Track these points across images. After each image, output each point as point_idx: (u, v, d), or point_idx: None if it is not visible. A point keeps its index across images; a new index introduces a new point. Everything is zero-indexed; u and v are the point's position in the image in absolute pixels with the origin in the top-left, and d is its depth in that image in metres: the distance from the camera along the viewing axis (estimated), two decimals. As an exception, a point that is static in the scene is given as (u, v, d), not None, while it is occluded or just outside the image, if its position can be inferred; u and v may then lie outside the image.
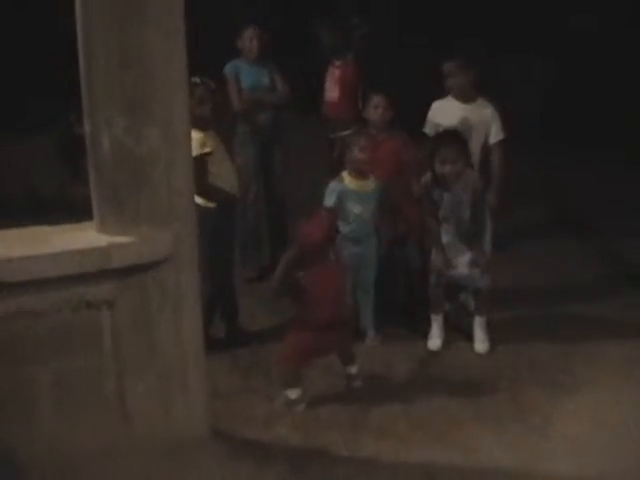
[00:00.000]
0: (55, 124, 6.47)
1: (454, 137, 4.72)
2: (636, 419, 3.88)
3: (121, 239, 2.90)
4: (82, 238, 2.94)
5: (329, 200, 4.72)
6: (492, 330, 4.80)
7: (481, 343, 4.75)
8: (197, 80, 4.80)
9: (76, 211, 3.23)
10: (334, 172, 5.04)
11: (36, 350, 3.01)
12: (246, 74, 5.69)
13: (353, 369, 4.30)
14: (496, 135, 5.27)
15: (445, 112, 5.27)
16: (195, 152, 4.52)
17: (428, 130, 5.31)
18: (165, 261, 3.00)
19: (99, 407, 3.18)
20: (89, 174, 2.95)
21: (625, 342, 4.70)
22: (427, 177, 4.72)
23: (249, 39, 5.67)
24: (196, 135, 4.62)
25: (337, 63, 6.00)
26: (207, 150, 4.58)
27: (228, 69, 5.72)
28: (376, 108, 5.11)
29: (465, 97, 5.27)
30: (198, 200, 4.60)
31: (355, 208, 4.71)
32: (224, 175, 4.70)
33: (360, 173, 4.73)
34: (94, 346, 3.09)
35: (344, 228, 4.71)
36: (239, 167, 5.73)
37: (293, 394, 4.05)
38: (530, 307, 5.27)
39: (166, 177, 2.91)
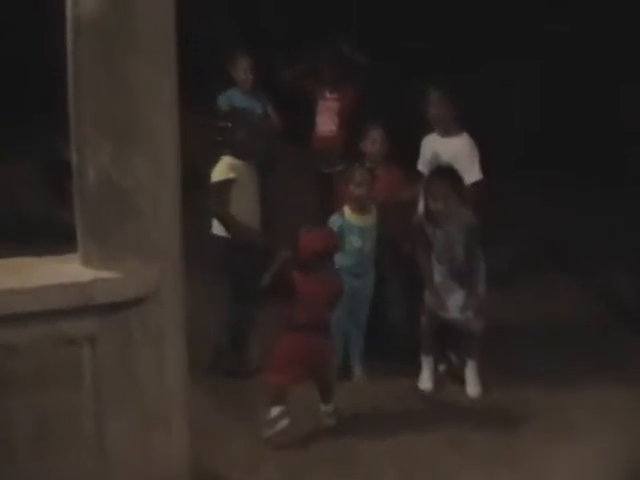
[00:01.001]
0: (43, 148, 6.40)
1: (447, 173, 4.61)
2: (633, 470, 3.78)
3: (105, 274, 2.81)
4: (65, 271, 2.85)
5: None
6: (484, 371, 4.70)
7: (472, 386, 4.65)
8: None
9: (62, 238, 3.14)
10: (329, 207, 4.97)
11: (15, 385, 2.91)
12: (240, 105, 5.64)
13: (330, 407, 4.25)
14: (471, 175, 4.79)
15: (427, 146, 5.06)
16: (218, 177, 4.58)
17: (420, 166, 5.10)
18: (150, 297, 2.91)
19: (78, 446, 3.07)
20: (74, 205, 2.86)
21: (621, 387, 4.57)
22: (420, 214, 4.65)
23: (243, 70, 5.63)
24: (227, 160, 4.62)
25: (331, 95, 5.93)
26: (230, 177, 4.52)
27: (222, 100, 5.68)
28: (373, 142, 5.06)
29: (444, 130, 4.94)
30: (216, 230, 4.67)
31: (356, 242, 4.67)
32: (244, 206, 4.61)
33: (361, 208, 4.68)
34: (74, 383, 2.98)
35: (345, 262, 4.63)
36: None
37: (277, 411, 4.03)
38: (523, 348, 5.15)
39: (152, 210, 2.82)
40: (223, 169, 4.60)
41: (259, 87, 5.77)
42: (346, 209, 4.70)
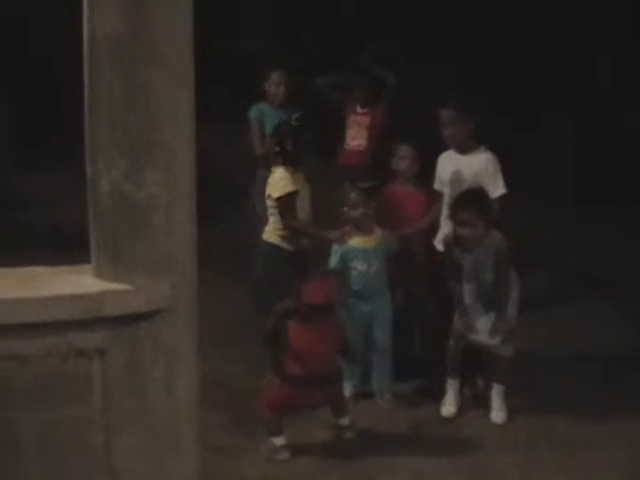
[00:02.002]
0: (81, 159, 6.43)
1: (474, 198, 4.50)
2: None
3: (115, 286, 2.77)
4: (76, 282, 2.81)
5: (332, 261, 4.60)
6: (511, 398, 4.58)
7: (498, 412, 4.53)
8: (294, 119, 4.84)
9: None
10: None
11: (22, 396, 2.87)
12: (270, 119, 5.60)
13: (345, 420, 4.18)
14: (495, 190, 4.66)
15: (444, 164, 4.90)
16: (281, 192, 4.65)
17: (438, 186, 4.93)
18: (160, 312, 2.86)
19: (85, 460, 3.02)
20: (89, 217, 2.83)
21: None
22: (449, 236, 4.56)
23: (275, 84, 5.59)
24: (284, 174, 4.67)
25: (362, 110, 5.88)
26: (292, 189, 4.64)
27: (252, 113, 5.64)
28: (403, 159, 4.98)
29: (462, 148, 4.79)
30: (268, 236, 4.78)
31: (359, 265, 4.58)
32: (301, 215, 4.74)
33: (360, 230, 4.59)
34: (82, 396, 2.94)
35: (353, 287, 4.57)
36: (258, 214, 5.64)
37: (278, 441, 4.00)
38: (552, 375, 5.02)
39: (166, 225, 2.78)
40: (285, 182, 4.70)
41: (291, 102, 5.72)
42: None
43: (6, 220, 7.40)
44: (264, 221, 5.60)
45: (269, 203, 4.82)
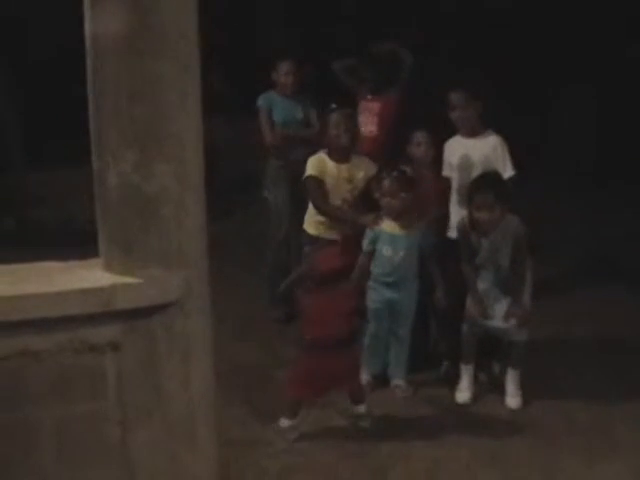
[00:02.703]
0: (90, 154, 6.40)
1: (491, 181, 4.46)
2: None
3: (127, 279, 2.74)
4: (87, 277, 2.78)
5: (364, 243, 4.56)
6: (526, 383, 4.55)
7: (513, 398, 4.50)
8: (333, 106, 4.81)
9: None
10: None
11: (37, 392, 2.85)
12: (280, 108, 5.56)
13: (361, 408, 4.19)
14: (504, 172, 4.65)
15: (451, 149, 4.86)
16: (311, 172, 4.76)
17: (447, 172, 4.88)
18: (173, 305, 2.83)
19: (101, 455, 3.00)
20: (96, 211, 2.80)
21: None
22: (464, 220, 4.51)
23: (284, 73, 5.54)
24: (317, 158, 4.80)
25: (372, 96, 5.82)
26: (311, 173, 4.73)
27: (261, 101, 5.59)
28: (418, 145, 4.92)
29: (470, 132, 4.77)
30: (309, 229, 4.87)
31: (386, 251, 4.52)
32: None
33: (394, 217, 4.54)
34: (97, 391, 2.91)
35: (375, 270, 4.53)
36: (270, 204, 5.61)
37: (287, 422, 4.06)
38: (569, 361, 4.99)
39: (176, 218, 2.74)
40: (309, 166, 4.81)
41: (303, 90, 5.66)
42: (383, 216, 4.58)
43: (16, 216, 7.42)
44: (275, 211, 5.60)
45: None
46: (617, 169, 7.92)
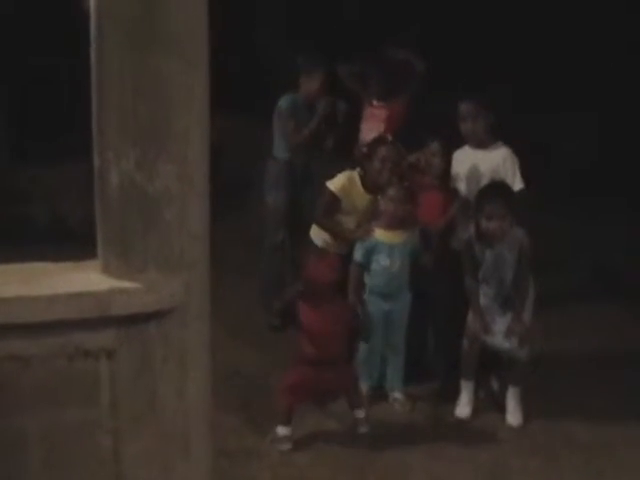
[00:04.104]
0: (87, 153, 6.28)
1: (500, 190, 4.36)
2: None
3: (124, 284, 2.62)
4: (82, 280, 2.67)
5: (357, 255, 4.46)
6: (526, 400, 4.45)
7: (513, 415, 4.40)
8: (389, 137, 4.71)
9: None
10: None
11: (26, 399, 2.73)
12: (301, 111, 5.47)
13: (360, 413, 4.13)
14: (513, 185, 4.56)
15: (460, 161, 4.78)
16: (334, 187, 4.60)
17: (453, 183, 4.82)
18: (171, 312, 2.72)
19: (91, 466, 2.89)
20: (95, 211, 2.69)
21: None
22: (469, 233, 4.41)
23: (313, 81, 5.44)
24: (346, 176, 4.63)
25: (378, 103, 5.72)
26: (332, 189, 4.58)
27: (285, 103, 5.47)
28: (434, 155, 4.83)
29: (478, 143, 4.70)
30: (316, 239, 4.75)
31: (383, 261, 4.43)
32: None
33: (389, 225, 4.45)
34: (89, 399, 2.80)
35: (372, 282, 4.44)
36: (268, 208, 5.52)
37: (282, 431, 3.97)
38: (570, 378, 4.88)
39: (179, 219, 2.63)
40: (336, 179, 4.64)
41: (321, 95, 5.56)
42: (376, 226, 4.51)
43: (6, 214, 7.28)
44: (272, 214, 5.49)
45: None
46: (618, 184, 7.88)
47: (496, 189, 4.37)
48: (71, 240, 5.24)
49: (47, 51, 8.04)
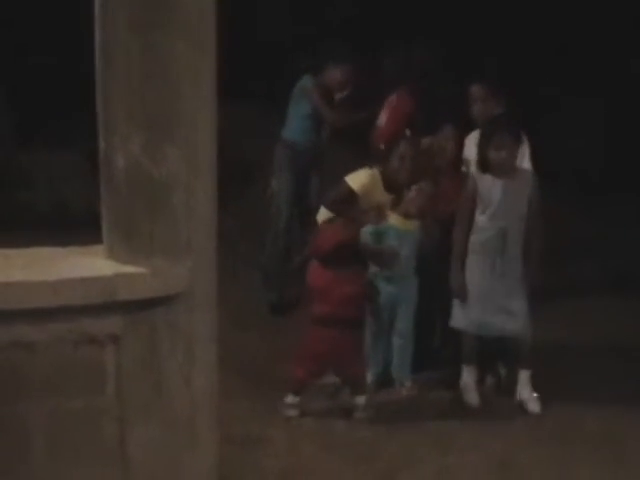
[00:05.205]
0: (89, 138, 6.25)
1: (509, 121, 4.35)
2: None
3: (129, 269, 2.59)
4: (87, 265, 2.64)
5: (365, 238, 4.42)
6: (537, 390, 4.41)
7: (531, 402, 4.35)
8: (407, 132, 4.67)
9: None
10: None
11: (31, 386, 2.71)
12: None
13: (360, 399, 4.15)
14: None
15: (471, 146, 4.73)
16: (349, 181, 4.53)
17: (466, 167, 4.80)
18: (178, 297, 2.69)
19: (97, 453, 2.87)
20: (101, 195, 2.65)
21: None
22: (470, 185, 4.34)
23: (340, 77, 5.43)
24: (368, 174, 4.55)
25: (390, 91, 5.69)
26: (352, 187, 4.51)
27: (309, 82, 5.45)
28: (447, 140, 4.82)
29: None
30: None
31: (392, 243, 4.41)
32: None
33: (408, 215, 4.43)
34: (95, 385, 2.78)
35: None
36: (274, 192, 5.52)
37: (291, 399, 4.10)
38: (582, 369, 4.84)
39: (185, 205, 2.59)
40: (359, 177, 4.58)
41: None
42: (390, 212, 4.50)
43: (8, 199, 7.24)
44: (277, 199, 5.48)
45: None
46: (625, 179, 7.83)
47: (504, 121, 4.38)
48: (74, 226, 5.22)
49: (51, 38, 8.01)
